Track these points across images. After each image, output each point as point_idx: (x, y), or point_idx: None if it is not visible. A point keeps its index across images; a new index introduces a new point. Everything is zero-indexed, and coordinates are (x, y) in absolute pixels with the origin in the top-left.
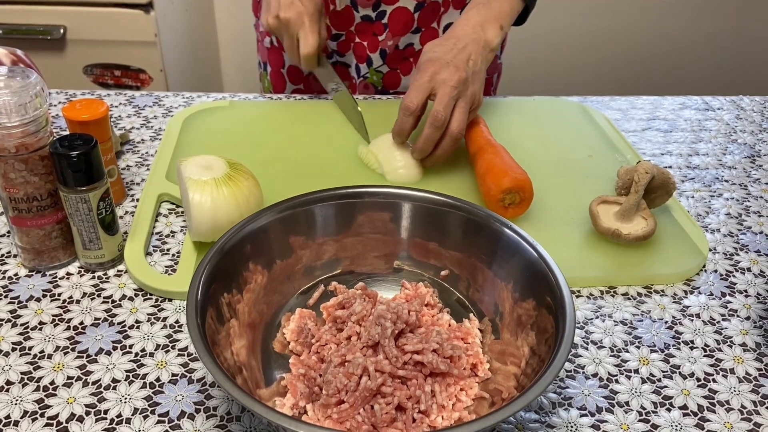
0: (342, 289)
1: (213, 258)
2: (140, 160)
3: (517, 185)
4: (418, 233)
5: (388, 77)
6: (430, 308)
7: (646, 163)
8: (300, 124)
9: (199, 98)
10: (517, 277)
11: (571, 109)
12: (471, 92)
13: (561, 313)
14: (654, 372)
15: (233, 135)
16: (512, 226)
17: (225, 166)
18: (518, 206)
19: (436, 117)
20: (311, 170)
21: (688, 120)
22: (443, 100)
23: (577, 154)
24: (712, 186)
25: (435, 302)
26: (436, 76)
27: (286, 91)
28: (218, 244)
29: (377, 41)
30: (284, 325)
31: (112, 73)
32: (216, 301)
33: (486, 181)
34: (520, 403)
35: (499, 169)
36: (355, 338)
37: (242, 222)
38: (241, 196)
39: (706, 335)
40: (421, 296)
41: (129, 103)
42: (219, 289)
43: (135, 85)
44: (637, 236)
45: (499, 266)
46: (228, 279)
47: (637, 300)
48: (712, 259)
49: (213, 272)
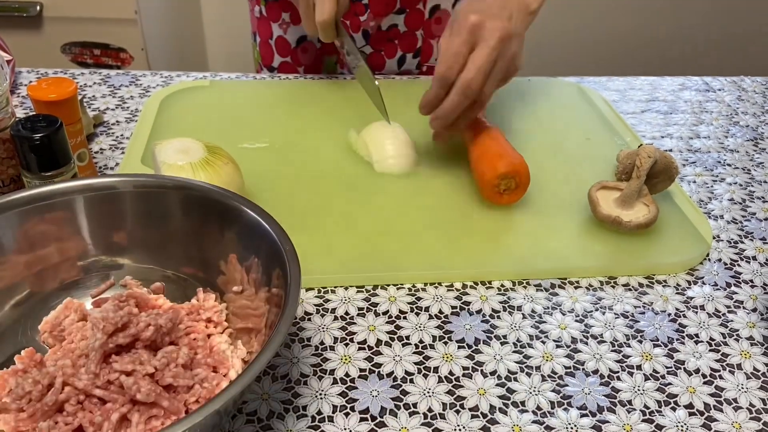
0: (132, 283)
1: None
2: (114, 143)
3: (513, 170)
4: (131, 224)
5: (372, 59)
6: (212, 325)
7: (649, 147)
8: (286, 106)
9: (179, 77)
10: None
11: (568, 90)
12: (512, 56)
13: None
14: (657, 368)
15: (214, 117)
16: (227, 193)
17: (202, 150)
18: (514, 192)
19: (467, 85)
20: (297, 155)
21: (689, 101)
22: (478, 64)
23: (574, 137)
24: (714, 170)
25: (219, 320)
26: (477, 30)
27: (274, 62)
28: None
29: (359, 21)
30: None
31: (91, 52)
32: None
33: (480, 165)
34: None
35: (494, 153)
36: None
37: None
38: (220, 182)
39: (712, 328)
40: (196, 309)
41: (104, 82)
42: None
43: (115, 64)
44: (639, 224)
45: (227, 238)
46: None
47: (638, 291)
48: (716, 248)
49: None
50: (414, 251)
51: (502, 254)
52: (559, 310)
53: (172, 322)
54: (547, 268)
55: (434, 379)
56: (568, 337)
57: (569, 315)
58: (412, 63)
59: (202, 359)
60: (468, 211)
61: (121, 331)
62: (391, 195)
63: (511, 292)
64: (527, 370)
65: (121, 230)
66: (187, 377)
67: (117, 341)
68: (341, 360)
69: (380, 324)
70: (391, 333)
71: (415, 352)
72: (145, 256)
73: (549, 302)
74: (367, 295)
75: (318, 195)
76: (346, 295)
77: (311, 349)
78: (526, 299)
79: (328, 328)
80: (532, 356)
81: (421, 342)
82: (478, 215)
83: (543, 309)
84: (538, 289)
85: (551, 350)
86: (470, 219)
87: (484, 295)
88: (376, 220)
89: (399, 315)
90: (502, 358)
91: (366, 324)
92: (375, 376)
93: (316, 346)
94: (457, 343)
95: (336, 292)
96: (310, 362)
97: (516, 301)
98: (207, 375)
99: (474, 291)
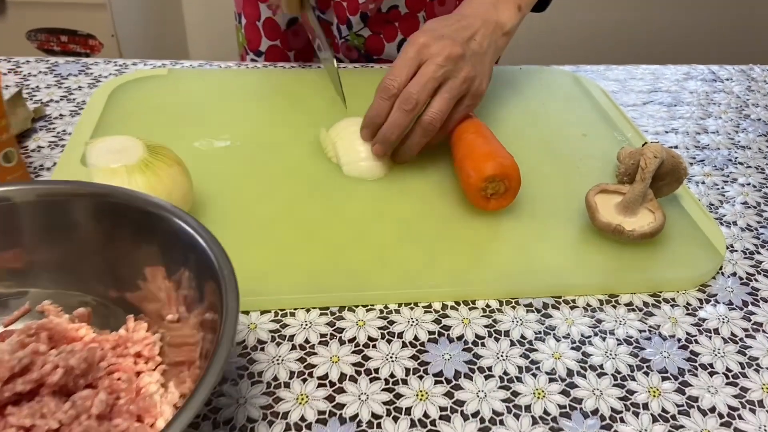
0: (51, 309)
1: None
2: (55, 139)
3: (502, 172)
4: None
5: (370, 42)
6: (142, 360)
7: (655, 145)
8: (252, 99)
9: (135, 66)
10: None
11: (563, 80)
12: (465, 76)
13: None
14: (667, 407)
15: (169, 111)
16: (149, 199)
17: (142, 150)
18: (502, 197)
19: (406, 98)
20: (259, 155)
21: (694, 92)
22: (421, 78)
23: (569, 133)
24: (724, 169)
25: (151, 354)
26: (424, 50)
27: (262, 46)
28: None
29: (357, 3)
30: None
31: (58, 39)
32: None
33: (465, 166)
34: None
35: (480, 152)
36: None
37: None
38: (162, 188)
39: (728, 357)
40: (123, 342)
41: (50, 71)
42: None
43: (84, 51)
44: (643, 233)
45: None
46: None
47: (643, 312)
48: (730, 259)
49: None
50: (387, 267)
51: (488, 269)
52: (552, 336)
53: (87, 362)
54: (539, 286)
55: (406, 423)
56: (563, 368)
57: (564, 341)
58: None
59: (124, 406)
60: (448, 221)
61: (20, 376)
62: (362, 202)
63: (498, 314)
64: (515, 410)
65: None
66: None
67: (15, 388)
68: (297, 400)
69: (345, 354)
70: (357, 365)
71: (385, 389)
72: (57, 280)
73: (541, 326)
74: (331, 318)
75: (279, 201)
76: (307, 318)
77: (262, 386)
78: (515, 322)
79: (283, 360)
80: (521, 393)
81: (392, 376)
82: (460, 225)
83: (534, 334)
84: (529, 310)
85: (543, 385)
86: (451, 229)
87: (467, 317)
88: (344, 230)
89: (367, 343)
90: (486, 395)
91: (328, 354)
92: (336, 420)
93: (268, 382)
94: (434, 377)
95: (296, 315)
96: (260, 403)
97: (503, 325)
98: (128, 427)
99: (455, 312)
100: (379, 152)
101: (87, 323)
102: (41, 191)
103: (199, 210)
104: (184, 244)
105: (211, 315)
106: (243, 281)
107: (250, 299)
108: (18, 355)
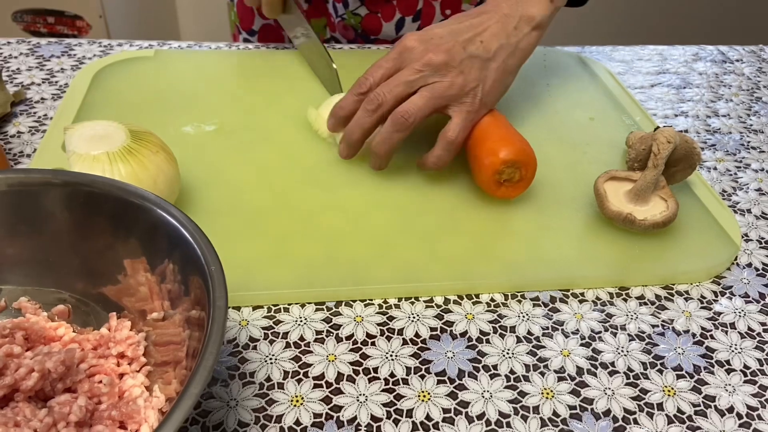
0: (28, 306)
1: None
2: (36, 124)
3: (524, 160)
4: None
5: (367, 21)
6: (125, 361)
7: (668, 130)
8: (240, 80)
9: (120, 47)
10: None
11: (568, 62)
12: (451, 82)
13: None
14: (683, 407)
15: (155, 94)
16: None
17: (125, 136)
18: (514, 186)
19: (371, 98)
20: (249, 138)
21: (704, 74)
22: (392, 80)
23: (576, 117)
24: (737, 154)
25: (135, 355)
26: (407, 53)
27: (255, 25)
28: None
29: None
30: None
31: (44, 20)
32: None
33: (480, 150)
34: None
35: (501, 134)
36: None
37: None
38: (146, 176)
39: (745, 353)
40: (105, 342)
41: (32, 53)
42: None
43: (71, 33)
44: (655, 222)
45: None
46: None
47: (656, 306)
48: (746, 249)
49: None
50: (386, 259)
51: (492, 261)
52: (560, 331)
53: (65, 365)
54: (546, 278)
55: (407, 426)
56: (573, 366)
57: (573, 337)
58: (411, 27)
59: (106, 411)
60: (450, 211)
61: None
62: (360, 190)
63: (503, 308)
64: (523, 411)
65: None
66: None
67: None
68: (291, 402)
69: (342, 352)
70: (355, 364)
71: (385, 390)
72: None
73: (549, 321)
74: (327, 314)
75: (271, 190)
76: (301, 314)
77: (254, 387)
78: (521, 317)
79: (277, 359)
80: (528, 393)
81: (392, 376)
82: (463, 215)
83: (541, 330)
84: (536, 304)
85: (552, 385)
86: (453, 220)
87: (470, 312)
88: (340, 220)
89: (366, 340)
90: (492, 396)
91: (324, 353)
92: (332, 423)
93: (261, 383)
94: (436, 377)
95: (290, 311)
96: (251, 405)
97: (509, 320)
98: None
99: (458, 307)
100: (343, 153)
101: (66, 321)
102: (12, 180)
103: (187, 199)
104: (168, 236)
105: (197, 311)
106: (233, 275)
107: (241, 294)
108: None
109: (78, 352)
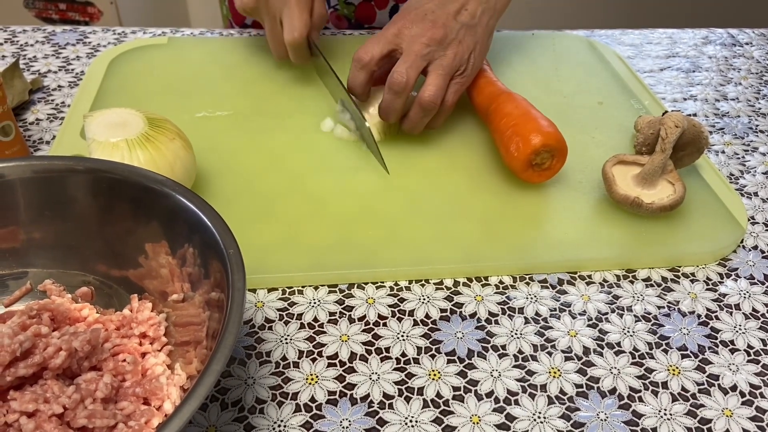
0: (53, 288)
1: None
2: (54, 111)
3: (561, 146)
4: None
5: (360, 9)
6: (147, 341)
7: (676, 114)
8: (253, 67)
9: (134, 34)
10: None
11: (577, 46)
12: (454, 54)
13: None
14: (687, 385)
15: (170, 81)
16: (149, 174)
17: (143, 123)
18: (542, 172)
19: (394, 80)
20: (262, 124)
21: (713, 57)
22: (407, 59)
23: (584, 101)
24: (745, 138)
25: (156, 335)
26: (404, 31)
27: (247, 20)
28: None
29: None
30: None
31: (56, 7)
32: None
33: (523, 127)
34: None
35: (543, 119)
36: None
37: None
38: (164, 162)
39: (749, 333)
40: (127, 322)
41: (47, 40)
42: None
43: (83, 20)
44: (663, 206)
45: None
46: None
47: (662, 287)
48: (752, 232)
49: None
50: (397, 242)
51: (500, 244)
52: (568, 313)
53: (91, 344)
54: (554, 261)
55: (418, 403)
56: (579, 346)
57: (580, 318)
58: None
59: (130, 388)
60: (459, 194)
61: (22, 360)
62: (371, 174)
63: (512, 290)
64: (530, 390)
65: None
66: (107, 416)
67: (17, 373)
68: (306, 380)
69: (355, 333)
70: (367, 344)
71: (396, 368)
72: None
73: (556, 302)
74: (340, 296)
75: (285, 175)
76: (315, 296)
77: (271, 366)
78: (529, 299)
79: (292, 339)
80: (536, 372)
81: (403, 355)
82: (471, 198)
83: (549, 311)
84: (543, 286)
85: (559, 364)
86: (462, 203)
87: (479, 294)
88: (352, 204)
89: (378, 321)
90: (501, 374)
91: (338, 333)
92: (346, 400)
93: (277, 362)
94: (446, 356)
95: (304, 293)
96: (268, 383)
97: (517, 302)
98: (135, 410)
99: (467, 289)
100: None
101: (90, 303)
102: (37, 167)
103: (203, 184)
104: (188, 222)
105: (217, 293)
106: (249, 258)
107: (256, 277)
108: (19, 338)
109: (102, 332)
